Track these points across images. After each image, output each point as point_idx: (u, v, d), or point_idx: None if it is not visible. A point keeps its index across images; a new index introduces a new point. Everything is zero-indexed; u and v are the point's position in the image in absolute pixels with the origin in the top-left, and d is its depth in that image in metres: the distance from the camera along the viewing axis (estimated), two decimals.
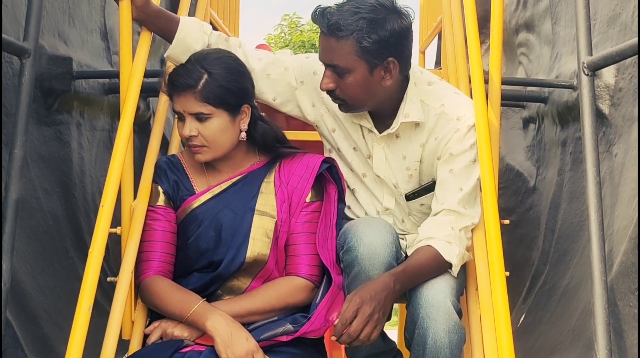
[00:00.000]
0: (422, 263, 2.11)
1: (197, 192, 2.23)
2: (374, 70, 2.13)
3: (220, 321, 2.03)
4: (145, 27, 2.39)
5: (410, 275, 2.08)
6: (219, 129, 2.16)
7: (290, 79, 2.37)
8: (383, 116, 2.26)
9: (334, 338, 1.99)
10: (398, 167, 2.30)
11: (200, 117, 2.14)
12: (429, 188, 2.29)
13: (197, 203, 2.22)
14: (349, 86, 2.14)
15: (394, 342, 2.35)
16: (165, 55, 2.39)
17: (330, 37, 2.11)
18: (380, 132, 2.28)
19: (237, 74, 2.20)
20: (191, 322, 2.06)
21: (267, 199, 2.22)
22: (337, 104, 2.24)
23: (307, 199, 2.23)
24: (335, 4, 2.15)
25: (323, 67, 2.22)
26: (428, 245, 2.14)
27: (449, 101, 2.25)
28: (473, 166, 2.21)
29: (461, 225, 2.18)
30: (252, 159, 2.28)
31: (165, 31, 2.36)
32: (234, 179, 2.24)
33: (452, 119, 2.22)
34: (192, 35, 2.32)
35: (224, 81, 2.15)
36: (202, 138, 2.15)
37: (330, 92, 2.18)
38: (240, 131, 2.21)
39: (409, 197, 2.31)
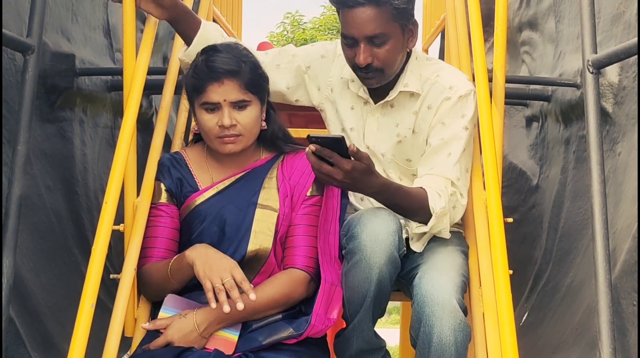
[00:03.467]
0: (410, 193, 2.18)
1: (200, 188, 2.24)
2: (404, 31, 2.26)
3: (199, 248, 2.06)
4: (172, 25, 2.43)
5: (398, 194, 2.14)
6: (255, 117, 2.18)
7: (300, 63, 2.48)
8: (380, 88, 2.34)
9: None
10: (389, 134, 2.36)
11: (240, 106, 2.14)
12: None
13: (200, 199, 2.22)
14: (388, 53, 2.23)
15: (384, 340, 2.34)
16: (183, 53, 2.43)
17: (369, 7, 2.18)
18: (375, 103, 2.36)
19: (260, 63, 2.25)
20: (175, 269, 2.07)
21: (269, 194, 2.22)
22: (362, 82, 2.34)
23: (308, 193, 2.24)
24: None
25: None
26: (421, 187, 2.21)
27: (444, 72, 2.35)
28: (467, 138, 2.28)
29: (453, 189, 2.24)
30: (256, 156, 2.29)
31: (188, 30, 2.42)
32: (237, 176, 2.25)
33: (444, 88, 2.29)
34: (213, 34, 2.42)
35: (258, 69, 2.21)
36: (240, 127, 2.15)
37: (365, 67, 2.24)
38: (262, 120, 2.24)
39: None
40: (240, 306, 1.94)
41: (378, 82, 2.29)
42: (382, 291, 2.09)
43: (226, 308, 1.93)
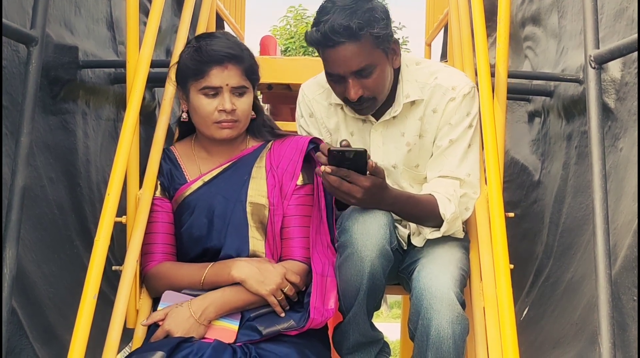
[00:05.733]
0: (421, 201, 2.20)
1: (188, 181, 2.26)
2: (388, 55, 2.21)
3: (241, 265, 2.09)
4: None
5: (409, 204, 2.18)
6: (250, 105, 2.22)
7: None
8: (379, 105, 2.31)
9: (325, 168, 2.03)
10: (396, 145, 2.34)
11: (240, 92, 2.17)
12: None
13: (189, 191, 2.24)
14: (377, 81, 2.19)
15: (382, 333, 2.35)
16: None
17: (350, 43, 2.13)
18: (377, 119, 2.33)
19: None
20: (210, 281, 2.11)
21: (258, 185, 2.23)
22: (354, 112, 2.30)
23: (299, 183, 2.25)
24: (331, 14, 2.14)
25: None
26: (430, 194, 2.22)
27: (441, 74, 2.32)
28: (472, 134, 2.29)
29: (463, 191, 2.25)
30: (243, 145, 2.31)
31: None
32: (224, 166, 2.26)
33: (447, 90, 2.28)
34: None
35: (254, 58, 2.23)
36: (239, 113, 2.18)
37: (357, 100, 2.20)
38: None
39: None
40: None
41: (372, 110, 2.28)
42: (375, 285, 2.10)
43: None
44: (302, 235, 2.20)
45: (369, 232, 2.06)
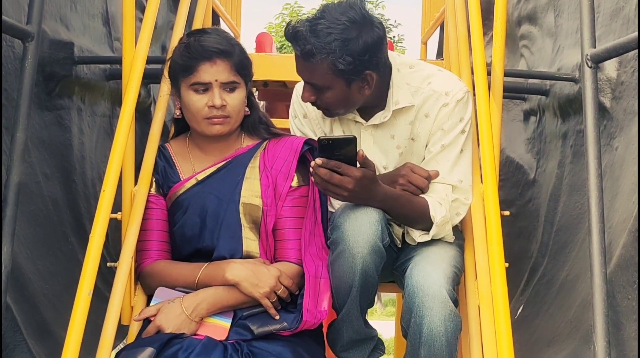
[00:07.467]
0: (412, 201, 2.20)
1: (182, 179, 2.25)
2: (351, 84, 2.17)
3: (235, 267, 2.09)
4: None
5: (400, 202, 2.17)
6: (242, 101, 2.21)
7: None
8: (369, 107, 2.31)
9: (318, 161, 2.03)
10: (388, 146, 2.34)
11: (230, 87, 2.17)
12: None
13: (182, 189, 2.24)
14: (330, 100, 2.20)
15: (376, 330, 2.35)
16: None
17: (303, 59, 2.15)
18: (366, 121, 2.32)
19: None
20: (205, 282, 2.10)
21: (251, 185, 2.22)
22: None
23: (294, 184, 2.24)
24: (308, 22, 2.15)
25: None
26: (422, 197, 2.22)
27: (435, 78, 2.31)
28: (464, 139, 2.27)
29: (454, 196, 2.24)
30: (238, 144, 2.30)
31: None
32: (218, 165, 2.25)
33: (441, 95, 2.27)
34: None
35: (245, 53, 2.23)
36: (229, 108, 2.17)
37: (312, 102, 2.24)
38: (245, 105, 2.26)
39: None
40: None
41: (330, 116, 2.30)
42: (367, 281, 2.09)
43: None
44: (296, 237, 2.19)
45: (361, 229, 2.06)
